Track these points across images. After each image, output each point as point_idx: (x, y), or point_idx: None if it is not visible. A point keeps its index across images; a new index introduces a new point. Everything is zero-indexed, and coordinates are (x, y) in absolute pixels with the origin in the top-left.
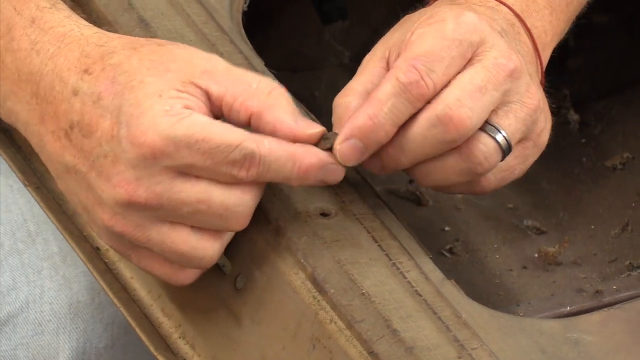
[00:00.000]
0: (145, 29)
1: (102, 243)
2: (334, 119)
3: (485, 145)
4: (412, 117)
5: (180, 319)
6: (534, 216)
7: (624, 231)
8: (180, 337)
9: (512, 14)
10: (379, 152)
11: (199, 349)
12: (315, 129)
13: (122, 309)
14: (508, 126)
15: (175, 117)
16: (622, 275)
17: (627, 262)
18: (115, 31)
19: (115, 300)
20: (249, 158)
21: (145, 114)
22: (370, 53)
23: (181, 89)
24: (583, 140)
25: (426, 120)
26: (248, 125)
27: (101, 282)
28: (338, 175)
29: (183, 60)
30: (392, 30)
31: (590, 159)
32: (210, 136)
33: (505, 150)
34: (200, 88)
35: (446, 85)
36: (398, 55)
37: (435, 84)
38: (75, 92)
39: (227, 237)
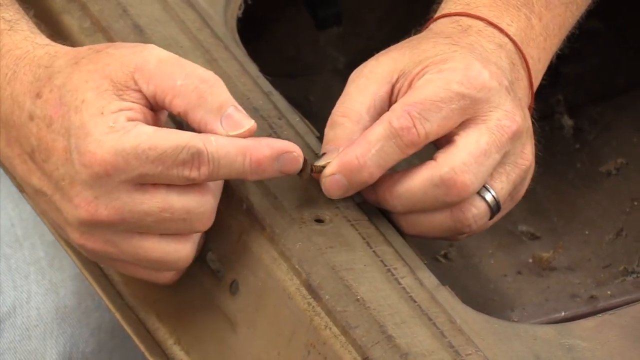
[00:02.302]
0: (139, 35)
1: None
2: (328, 136)
3: (477, 209)
4: (413, 169)
5: (175, 324)
6: (528, 221)
7: (619, 237)
8: (175, 343)
9: (514, 49)
10: (377, 192)
11: (194, 354)
12: (240, 129)
13: (117, 314)
14: (500, 189)
15: (120, 132)
16: (617, 281)
17: (622, 268)
18: (110, 37)
19: (110, 306)
20: (196, 157)
21: (91, 134)
22: (371, 65)
23: (118, 99)
24: (577, 146)
25: (429, 179)
26: None
27: (96, 288)
28: (296, 163)
29: (117, 61)
30: (400, 48)
31: (585, 164)
32: (156, 143)
33: (494, 211)
34: (134, 90)
35: (450, 143)
36: (407, 87)
37: (428, 134)
38: (31, 117)
39: (197, 236)
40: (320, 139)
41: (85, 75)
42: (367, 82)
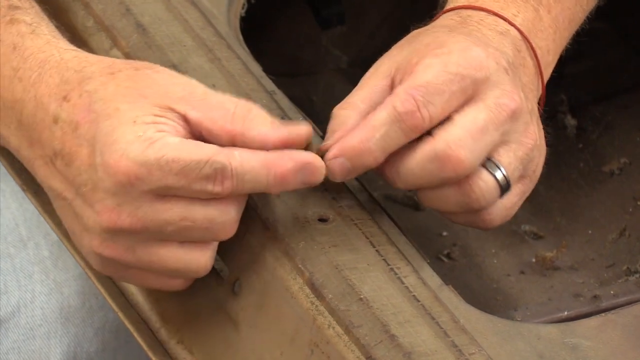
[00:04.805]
0: (143, 34)
1: None
2: (329, 128)
3: (485, 182)
4: (412, 146)
5: (178, 324)
6: (531, 221)
7: (622, 236)
8: (178, 342)
9: (520, 37)
10: (376, 168)
11: (197, 354)
12: (302, 126)
13: (120, 313)
14: (508, 165)
15: (147, 142)
16: (620, 280)
17: (625, 267)
18: (113, 36)
19: (113, 305)
20: (220, 172)
21: (119, 142)
22: (374, 66)
23: (158, 114)
24: (580, 146)
25: (425, 154)
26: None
27: (99, 287)
28: (319, 174)
29: (160, 86)
30: (399, 45)
31: (588, 164)
32: (180, 156)
33: (504, 188)
34: (178, 113)
35: (447, 119)
36: (407, 76)
37: (432, 117)
38: (55, 120)
39: (216, 243)
40: (324, 138)
41: (123, 90)
42: (365, 81)
